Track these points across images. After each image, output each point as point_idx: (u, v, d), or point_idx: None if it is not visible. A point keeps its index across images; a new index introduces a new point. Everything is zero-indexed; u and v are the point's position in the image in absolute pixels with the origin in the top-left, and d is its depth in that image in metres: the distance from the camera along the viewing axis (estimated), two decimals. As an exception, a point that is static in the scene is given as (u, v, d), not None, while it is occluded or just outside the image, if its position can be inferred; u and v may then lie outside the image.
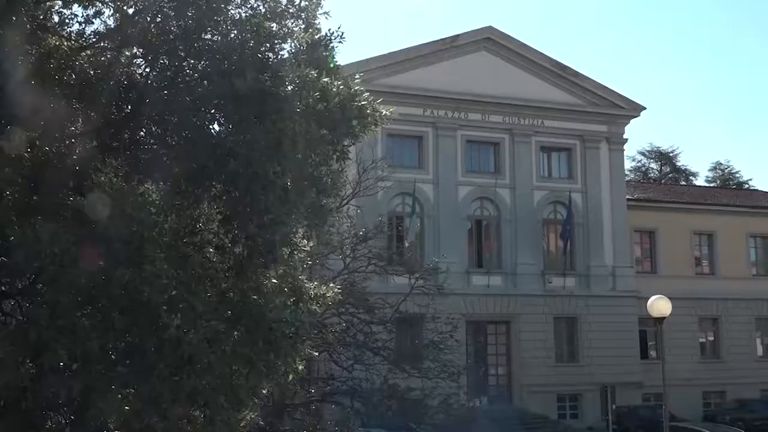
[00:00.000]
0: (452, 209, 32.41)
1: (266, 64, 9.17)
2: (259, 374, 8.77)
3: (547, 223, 34.45)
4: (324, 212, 9.96)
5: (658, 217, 36.95)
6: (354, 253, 23.80)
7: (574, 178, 34.79)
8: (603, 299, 33.80)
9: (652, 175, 62.40)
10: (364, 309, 23.14)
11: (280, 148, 8.39)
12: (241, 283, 9.11)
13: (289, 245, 10.00)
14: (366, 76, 29.98)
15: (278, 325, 8.52)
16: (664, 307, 20.51)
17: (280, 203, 8.81)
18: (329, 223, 10.48)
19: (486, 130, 33.62)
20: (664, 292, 24.47)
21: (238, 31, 9.47)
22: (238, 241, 9.55)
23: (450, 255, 30.17)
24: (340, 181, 10.63)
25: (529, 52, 34.50)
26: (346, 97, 8.82)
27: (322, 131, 9.48)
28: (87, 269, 8.23)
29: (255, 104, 8.59)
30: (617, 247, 34.64)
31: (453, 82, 32.75)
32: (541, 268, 33.61)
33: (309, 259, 12.12)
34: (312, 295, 10.69)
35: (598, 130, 35.24)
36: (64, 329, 8.00)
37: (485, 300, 32.32)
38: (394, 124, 30.81)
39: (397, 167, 30.45)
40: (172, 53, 9.46)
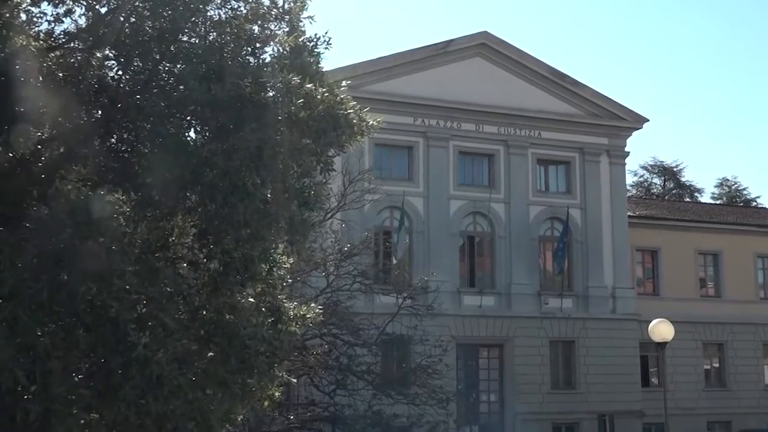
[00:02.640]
0: (443, 224, 32.47)
1: (247, 68, 9.22)
2: (233, 398, 8.75)
3: (544, 240, 34.55)
4: (306, 226, 9.97)
5: (661, 236, 37.13)
6: (338, 270, 23.84)
7: (572, 193, 34.95)
8: (602, 322, 33.86)
9: (655, 191, 62.76)
10: (348, 330, 23.16)
11: (260, 158, 8.41)
12: (215, 300, 9.10)
13: (267, 261, 10.02)
14: (353, 82, 29.93)
15: (253, 342, 8.51)
16: (667, 332, 20.61)
17: (259, 216, 8.82)
18: (312, 238, 10.51)
19: (480, 141, 33.75)
20: (666, 315, 24.59)
21: (218, 34, 9.51)
22: (213, 256, 9.54)
23: (440, 273, 30.18)
24: (324, 193, 10.66)
25: (526, 59, 34.72)
26: (331, 105, 8.86)
27: (305, 141, 9.52)
28: (50, 283, 8.20)
29: (234, 111, 8.62)
30: (617, 267, 34.76)
31: (445, 90, 32.89)
32: (537, 288, 33.68)
33: (289, 277, 12.14)
34: (291, 316, 10.70)
35: (598, 143, 35.44)
36: (23, 348, 7.96)
37: (477, 321, 32.33)
38: (382, 134, 30.91)
39: (385, 179, 30.52)
40: (146, 55, 9.48)
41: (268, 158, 8.50)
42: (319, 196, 10.30)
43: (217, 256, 9.46)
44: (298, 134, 9.15)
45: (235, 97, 8.50)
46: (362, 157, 28.47)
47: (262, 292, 10.65)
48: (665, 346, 21.48)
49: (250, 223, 8.71)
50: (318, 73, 9.43)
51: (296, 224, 9.87)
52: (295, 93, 8.51)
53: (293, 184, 9.87)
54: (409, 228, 32.18)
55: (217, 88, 8.52)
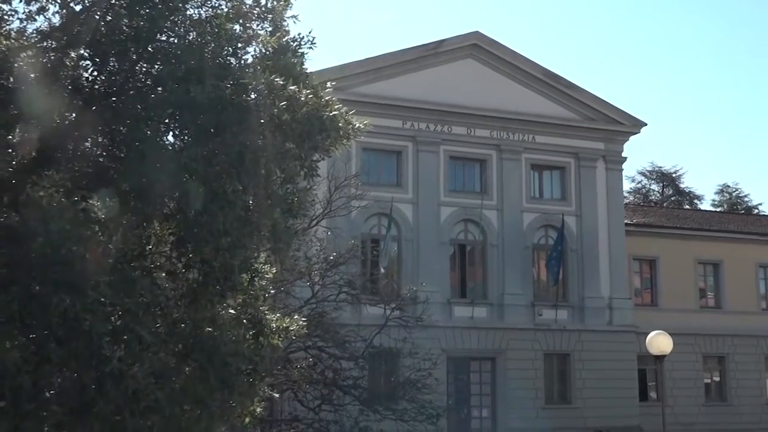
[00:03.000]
0: (433, 232, 32.51)
1: (228, 69, 9.23)
2: (211, 415, 8.73)
3: (538, 249, 34.63)
4: (289, 234, 9.98)
5: (660, 245, 37.31)
6: (323, 280, 23.82)
7: (567, 200, 35.08)
8: (598, 334, 33.96)
9: (654, 197, 63.10)
10: (333, 342, 23.12)
11: (241, 163, 8.41)
12: (194, 312, 9.09)
13: (249, 271, 10.02)
14: (340, 84, 30.07)
15: (234, 359, 8.50)
16: (665, 344, 20.69)
17: (240, 224, 8.81)
18: (295, 246, 10.50)
19: (471, 146, 33.84)
20: (665, 327, 24.70)
21: (197, 33, 9.51)
22: (192, 266, 9.53)
23: (430, 283, 30.20)
24: (309, 199, 10.69)
25: (520, 60, 34.87)
26: (315, 108, 8.87)
27: (288, 145, 9.52)
28: (20, 294, 8.15)
29: (214, 114, 8.62)
30: (614, 277, 34.88)
31: (436, 92, 32.97)
32: (531, 299, 33.75)
33: (272, 287, 12.12)
34: (274, 328, 10.68)
35: (595, 148, 35.61)
36: (-8, 362, 7.90)
37: (468, 334, 32.36)
38: (370, 138, 31.01)
39: (372, 185, 30.54)
40: (122, 56, 9.46)
41: (249, 163, 8.50)
42: (303, 202, 10.31)
43: (196, 265, 9.46)
44: (281, 138, 9.16)
45: (216, 99, 8.50)
46: (349, 161, 28.53)
47: (243, 303, 10.64)
48: (664, 359, 21.57)
49: (230, 231, 8.70)
50: (302, 74, 9.45)
51: (279, 232, 9.87)
52: (278, 95, 8.52)
53: (276, 190, 9.88)
54: (398, 236, 32.19)
55: (196, 90, 8.51)
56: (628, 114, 36.09)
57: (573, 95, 35.39)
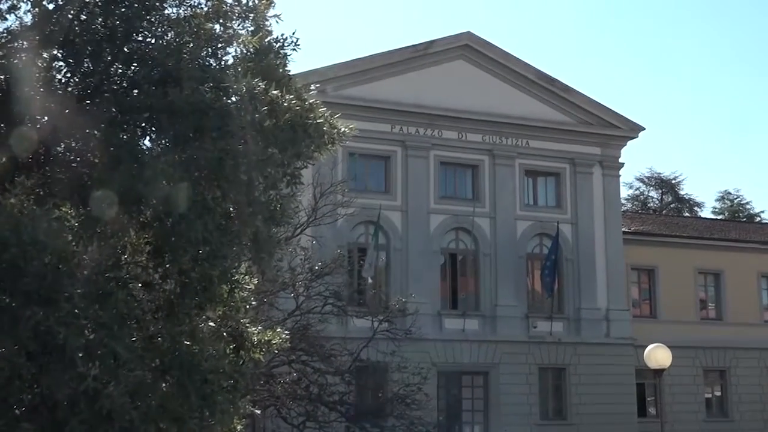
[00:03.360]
0: (423, 241, 32.57)
1: (207, 71, 9.22)
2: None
3: (532, 258, 34.74)
4: (272, 243, 9.96)
5: (659, 254, 37.47)
6: (308, 291, 23.85)
7: (562, 207, 35.22)
8: (595, 347, 34.08)
9: (652, 205, 63.42)
10: (318, 356, 23.14)
11: (221, 169, 8.40)
12: (172, 326, 9.07)
13: (229, 282, 10.00)
14: (326, 86, 30.53)
15: (214, 376, 8.48)
16: (664, 357, 20.77)
17: (220, 233, 8.80)
18: (278, 256, 10.49)
19: (463, 151, 33.96)
20: (664, 339, 24.82)
21: (175, 33, 9.51)
22: (169, 277, 9.50)
23: (419, 294, 30.25)
24: (292, 207, 10.67)
25: (513, 62, 35.02)
26: (298, 112, 8.88)
27: (270, 150, 9.53)
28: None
29: (193, 118, 8.61)
30: (612, 288, 35.02)
31: (426, 95, 33.07)
32: (525, 310, 33.84)
33: (253, 299, 12.11)
34: (255, 341, 10.67)
35: (591, 153, 35.78)
36: (-41, 379, 7.87)
37: (460, 347, 32.40)
38: (357, 143, 30.89)
39: (360, 192, 30.59)
40: (97, 56, 9.45)
41: (229, 170, 8.50)
42: (286, 210, 10.30)
43: (174, 276, 9.43)
44: (263, 144, 9.16)
45: (194, 103, 8.50)
46: (335, 167, 28.57)
47: (223, 315, 10.62)
48: (662, 372, 21.64)
49: (209, 240, 8.69)
50: (285, 76, 9.47)
51: (261, 241, 9.85)
52: (259, 99, 8.53)
53: (258, 197, 9.87)
54: (386, 245, 32.22)
55: (174, 93, 8.51)
56: (625, 118, 36.28)
57: (568, 98, 35.57)
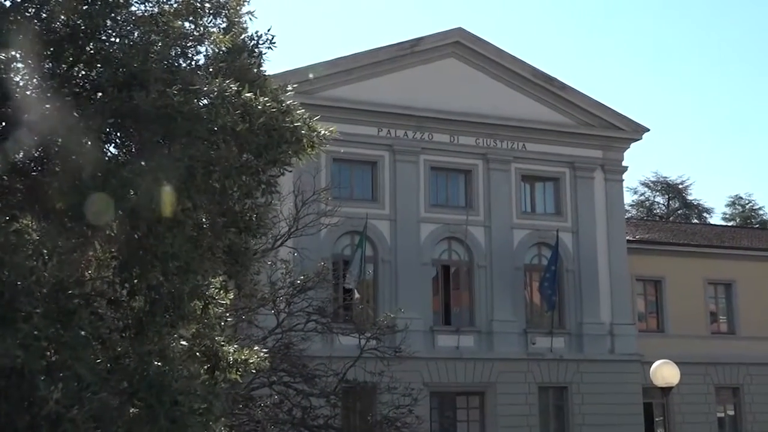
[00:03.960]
0: (413, 252, 32.61)
1: (176, 73, 9.25)
2: (159, 462, 8.69)
3: (530, 269, 34.81)
4: (247, 256, 10.01)
5: (666, 264, 37.60)
6: (290, 307, 23.81)
7: (562, 215, 35.33)
8: (599, 364, 34.15)
9: (658, 211, 63.74)
10: (302, 377, 23.10)
11: (191, 178, 8.41)
12: (140, 345, 9.07)
13: (202, 298, 10.02)
14: (306, 87, 30.61)
15: (185, 398, 8.48)
16: (671, 375, 20.81)
17: (191, 246, 8.82)
18: (254, 269, 10.51)
19: (455, 155, 34.04)
20: (672, 355, 24.85)
21: (142, 32, 9.54)
22: (138, 293, 9.51)
23: (410, 309, 30.27)
24: (269, 216, 10.70)
25: (508, 60, 35.16)
26: (274, 115, 8.91)
27: (245, 157, 9.56)
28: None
29: (160, 124, 8.63)
30: (616, 301, 35.12)
31: (414, 96, 33.16)
32: (523, 325, 33.90)
33: (228, 315, 12.12)
34: (231, 361, 10.68)
35: (592, 156, 35.93)
36: None
37: (454, 365, 32.42)
38: (341, 147, 31.19)
39: (344, 200, 30.60)
40: (58, 57, 9.46)
41: (200, 178, 8.52)
42: (262, 220, 10.33)
43: (142, 292, 9.44)
44: (237, 150, 9.19)
45: (162, 106, 8.52)
46: (317, 174, 28.60)
47: (197, 333, 10.63)
48: (670, 391, 21.68)
49: (179, 254, 8.71)
50: (260, 77, 9.50)
51: (236, 254, 9.89)
52: (231, 101, 8.56)
53: (232, 207, 9.90)
54: (374, 257, 32.24)
55: (140, 96, 8.53)
56: (628, 118, 36.46)
57: (567, 98, 35.72)
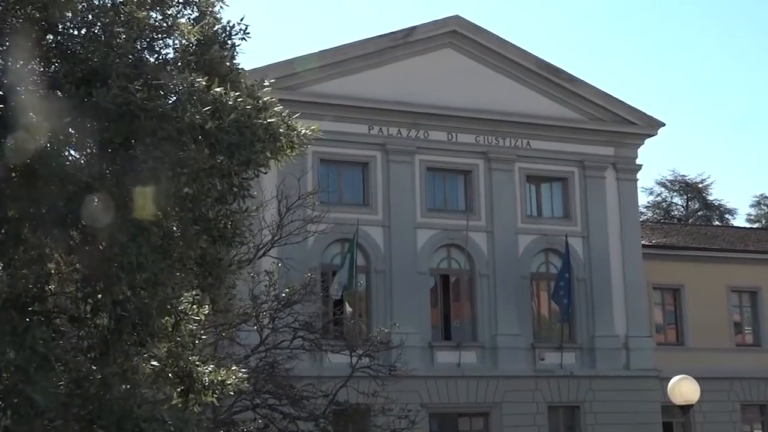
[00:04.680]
0: (409, 261, 32.54)
1: (140, 67, 9.21)
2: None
3: (537, 278, 34.76)
4: (221, 268, 9.96)
5: (685, 270, 37.54)
6: (274, 322, 23.76)
7: (571, 218, 35.29)
8: (613, 381, 34.08)
9: (676, 213, 63.71)
10: (288, 399, 23.07)
11: (157, 181, 8.37)
12: (103, 366, 9.02)
13: (173, 313, 9.97)
14: (289, 82, 30.57)
15: (149, 425, 8.44)
16: (690, 391, 20.73)
17: (159, 257, 8.77)
18: (229, 282, 10.47)
19: (453, 154, 33.99)
20: (694, 370, 24.82)
21: (104, 24, 9.51)
22: (101, 309, 9.46)
23: (406, 323, 30.19)
24: (247, 225, 10.66)
25: (510, 50, 35.13)
26: (246, 112, 8.88)
27: (219, 158, 9.52)
28: None
29: (122, 123, 8.59)
30: (631, 311, 35.05)
31: (408, 90, 33.11)
32: (531, 340, 33.82)
33: (204, 333, 12.09)
34: (206, 383, 10.65)
35: (603, 154, 35.89)
36: None
37: (455, 384, 32.35)
38: (330, 147, 31.17)
39: (333, 205, 30.56)
40: (11, 53, 9.42)
41: (167, 182, 8.48)
42: (239, 228, 10.29)
43: (107, 308, 9.40)
44: (208, 151, 9.15)
45: (124, 104, 8.49)
46: (303, 176, 28.51)
47: (169, 353, 10.59)
48: (690, 409, 21.59)
49: (146, 265, 8.66)
50: (232, 71, 9.47)
51: (209, 265, 9.85)
52: (200, 98, 8.52)
53: (205, 213, 9.86)
54: (366, 266, 32.18)
55: (100, 93, 8.49)
56: (642, 112, 36.44)
57: (575, 91, 35.68)
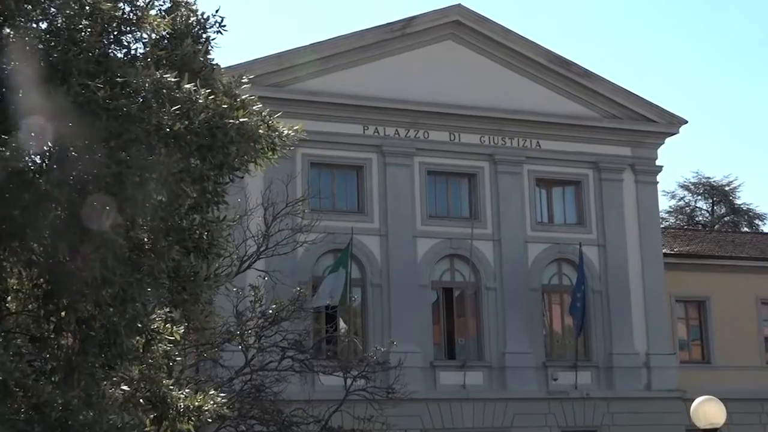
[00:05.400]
0: (408, 273, 32.48)
1: (104, 63, 9.18)
2: None
3: (549, 291, 34.72)
4: (197, 282, 9.93)
5: (711, 281, 37.45)
6: (260, 341, 23.73)
7: (586, 225, 35.24)
8: (633, 403, 34.01)
9: (701, 218, 63.63)
10: (276, 425, 23.08)
11: (122, 187, 8.35)
12: (66, 391, 9.00)
13: (145, 332, 9.95)
14: (276, 78, 30.58)
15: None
16: (715, 413, 20.72)
17: (127, 270, 8.74)
18: (205, 298, 10.44)
19: (456, 156, 33.95)
20: (721, 390, 24.73)
21: (67, 17, 9.48)
22: (65, 328, 9.44)
23: (405, 341, 30.14)
24: (224, 234, 10.63)
25: (517, 42, 35.09)
26: (220, 111, 8.86)
27: (194, 162, 9.49)
28: None
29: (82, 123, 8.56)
30: (652, 326, 34.99)
31: (407, 87, 33.07)
32: (542, 358, 33.77)
33: (178, 354, 12.07)
34: (182, 408, 10.62)
35: (620, 155, 35.86)
36: None
37: (460, 407, 32.29)
38: (321, 149, 31.20)
39: (325, 212, 30.49)
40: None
41: (133, 188, 8.45)
42: (216, 237, 10.26)
43: (71, 327, 9.38)
44: (180, 154, 9.13)
45: (84, 103, 8.47)
46: (292, 181, 28.47)
47: (141, 376, 10.57)
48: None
49: (112, 280, 8.63)
50: (206, 67, 9.45)
51: (183, 279, 9.82)
52: (169, 97, 8.51)
53: (178, 222, 9.84)
54: (362, 279, 32.13)
55: (59, 92, 8.47)
56: (662, 109, 36.40)
57: (589, 86, 35.65)
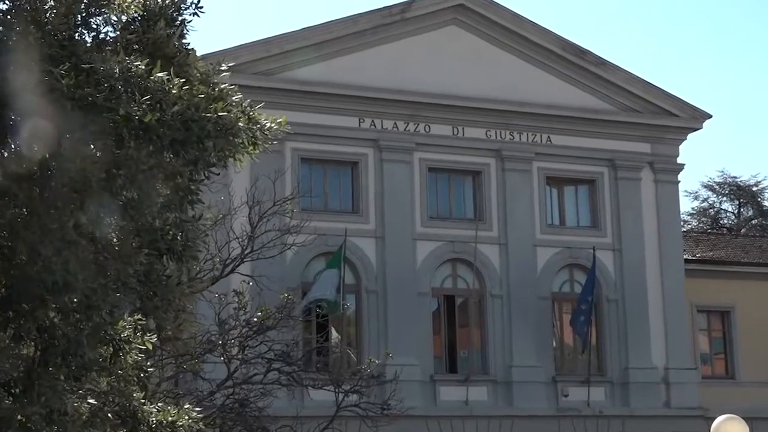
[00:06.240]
0: (407, 279, 32.48)
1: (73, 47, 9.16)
2: None
3: (560, 299, 34.73)
4: (169, 287, 9.90)
5: (736, 289, 37.46)
6: (244, 352, 23.70)
7: (600, 228, 35.26)
8: (651, 422, 34.05)
9: (726, 221, 63.61)
10: (261, 443, 23.07)
11: (86, 184, 8.33)
12: (26, 405, 8.99)
13: (112, 342, 9.92)
14: (263, 66, 30.58)
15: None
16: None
17: (90, 274, 8.72)
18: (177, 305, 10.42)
19: (459, 152, 33.96)
20: (745, 408, 24.79)
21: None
22: (25, 337, 9.42)
23: (403, 353, 30.16)
24: (201, 236, 10.60)
25: (528, 28, 35.08)
26: (196, 102, 8.82)
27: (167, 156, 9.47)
28: None
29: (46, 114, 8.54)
30: (671, 338, 35.02)
31: (406, 76, 33.08)
32: (552, 372, 33.81)
33: (152, 365, 12.04)
34: (153, 424, 10.59)
35: (638, 151, 35.87)
36: None
37: (462, 425, 32.30)
38: (312, 143, 31.23)
39: (317, 212, 30.50)
40: None
41: (98, 185, 8.44)
42: (192, 239, 10.24)
43: (31, 335, 9.37)
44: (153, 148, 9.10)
45: (47, 92, 8.45)
46: (280, 177, 28.45)
47: (110, 389, 10.54)
48: (739, 455, 21.61)
49: (74, 285, 8.61)
50: (181, 52, 9.42)
51: (154, 284, 9.79)
52: (138, 85, 8.49)
53: (151, 223, 9.81)
54: (356, 285, 32.12)
55: (18, 79, 8.45)
56: (684, 102, 36.43)
57: (605, 77, 35.68)
